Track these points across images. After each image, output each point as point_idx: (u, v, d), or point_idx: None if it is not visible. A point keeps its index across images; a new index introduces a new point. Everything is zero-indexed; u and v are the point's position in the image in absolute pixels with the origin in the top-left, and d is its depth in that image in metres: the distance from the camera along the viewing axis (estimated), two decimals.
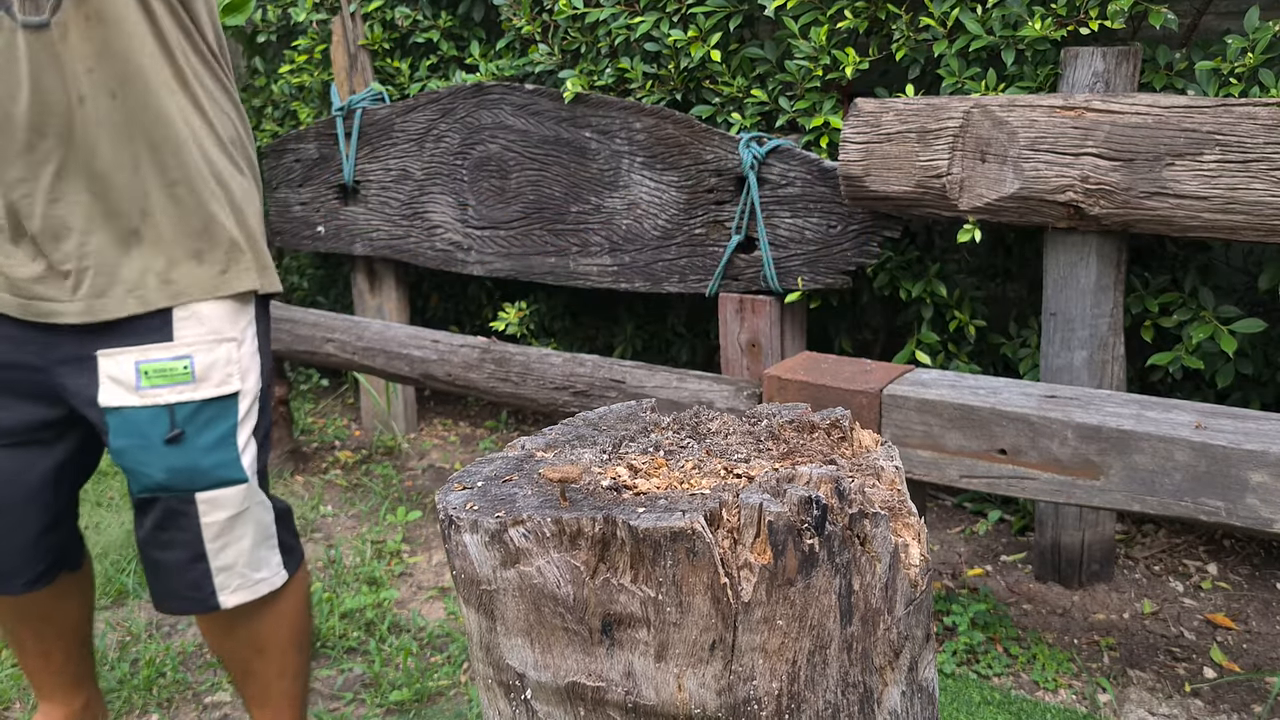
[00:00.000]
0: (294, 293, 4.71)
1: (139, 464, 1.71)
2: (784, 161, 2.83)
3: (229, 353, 1.74)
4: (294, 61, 4.06)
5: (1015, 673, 2.43)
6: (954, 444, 2.22)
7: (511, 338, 3.79)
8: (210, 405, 1.72)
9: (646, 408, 1.07)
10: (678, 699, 0.81)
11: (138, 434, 1.70)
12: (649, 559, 0.79)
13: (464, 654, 2.57)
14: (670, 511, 0.80)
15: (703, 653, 0.79)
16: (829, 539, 0.79)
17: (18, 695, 2.47)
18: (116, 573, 2.95)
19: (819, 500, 0.79)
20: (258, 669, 1.89)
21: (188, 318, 1.71)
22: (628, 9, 3.09)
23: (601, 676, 0.83)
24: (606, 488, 0.88)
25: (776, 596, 0.78)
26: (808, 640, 0.80)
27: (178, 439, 1.69)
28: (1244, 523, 1.98)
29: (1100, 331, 2.50)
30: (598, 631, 0.82)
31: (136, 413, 1.69)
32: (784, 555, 0.78)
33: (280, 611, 1.87)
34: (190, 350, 1.70)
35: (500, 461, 0.98)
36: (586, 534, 0.81)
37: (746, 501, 0.79)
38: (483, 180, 3.46)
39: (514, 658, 0.88)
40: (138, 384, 1.69)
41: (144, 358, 1.69)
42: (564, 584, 0.82)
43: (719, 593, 0.77)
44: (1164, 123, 2.27)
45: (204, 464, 1.71)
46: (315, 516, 3.39)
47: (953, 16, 2.60)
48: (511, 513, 0.85)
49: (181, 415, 1.70)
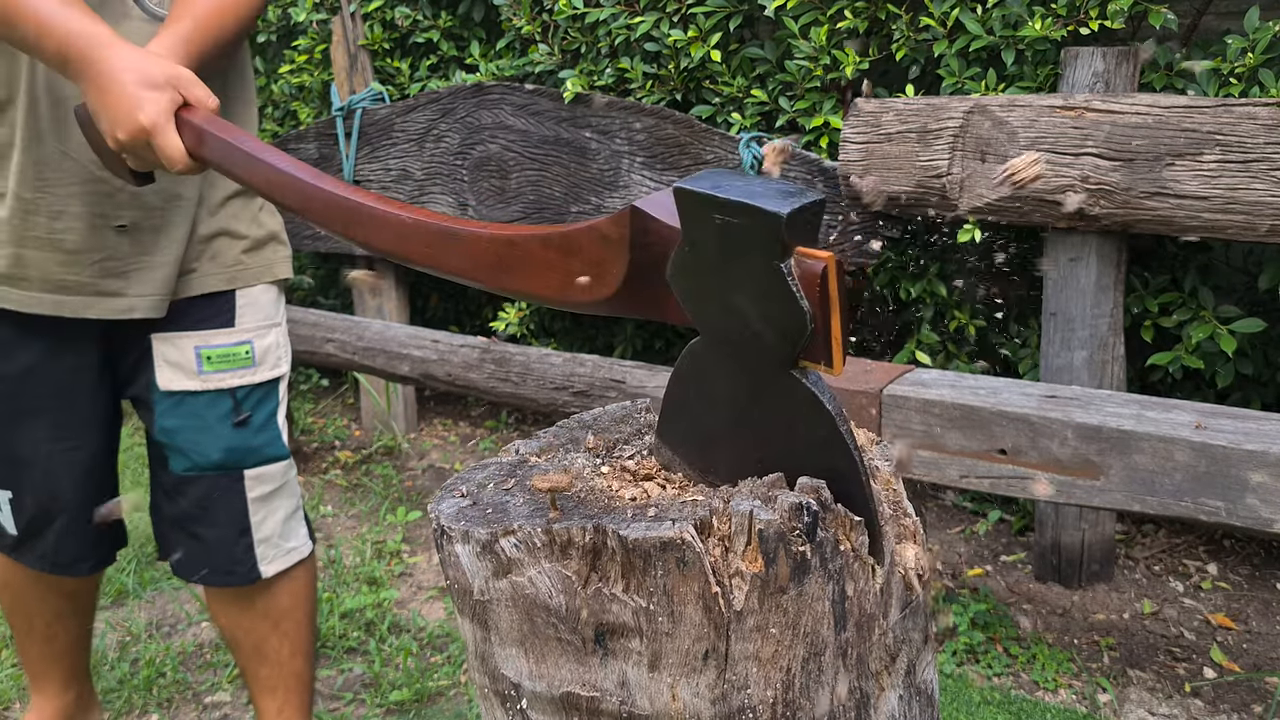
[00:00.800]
0: (294, 293, 4.71)
1: (193, 444, 1.77)
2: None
3: (277, 337, 1.84)
4: (294, 61, 4.07)
5: (1015, 673, 2.43)
6: (954, 444, 2.22)
7: (511, 338, 3.79)
8: (263, 387, 1.81)
9: (641, 408, 1.07)
10: (672, 708, 0.81)
11: (194, 416, 1.76)
12: (639, 569, 0.79)
13: (464, 654, 2.58)
14: (660, 521, 0.80)
15: (696, 662, 0.79)
16: (820, 545, 0.79)
17: (17, 695, 2.47)
18: (116, 572, 2.95)
19: (809, 506, 0.79)
20: (272, 647, 1.92)
21: (247, 304, 1.79)
22: (628, 9, 3.08)
23: (595, 686, 0.83)
24: (599, 494, 0.88)
25: (769, 605, 0.78)
26: (801, 648, 0.80)
27: (246, 422, 1.78)
28: (1244, 523, 1.98)
29: (1100, 331, 2.50)
30: (591, 641, 0.82)
31: (196, 397, 1.76)
32: (775, 563, 0.78)
33: (298, 585, 1.92)
34: (251, 335, 1.79)
35: (494, 467, 0.97)
36: (577, 544, 0.81)
37: (737, 509, 0.79)
38: (483, 180, 3.46)
39: (509, 668, 0.88)
40: (199, 368, 1.75)
41: (205, 343, 1.75)
42: (556, 594, 0.82)
43: (710, 602, 0.77)
44: (1164, 123, 2.26)
45: (255, 443, 1.80)
46: (315, 516, 3.39)
47: (953, 16, 2.60)
48: (503, 523, 0.85)
49: (242, 398, 1.78)
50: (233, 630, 1.92)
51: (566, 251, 0.92)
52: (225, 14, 1.55)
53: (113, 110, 1.35)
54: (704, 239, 0.81)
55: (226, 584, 1.86)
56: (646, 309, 0.90)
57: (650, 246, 0.86)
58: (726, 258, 0.80)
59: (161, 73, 1.36)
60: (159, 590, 2.93)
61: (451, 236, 1.01)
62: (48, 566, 1.90)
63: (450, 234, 1.01)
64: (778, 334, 0.80)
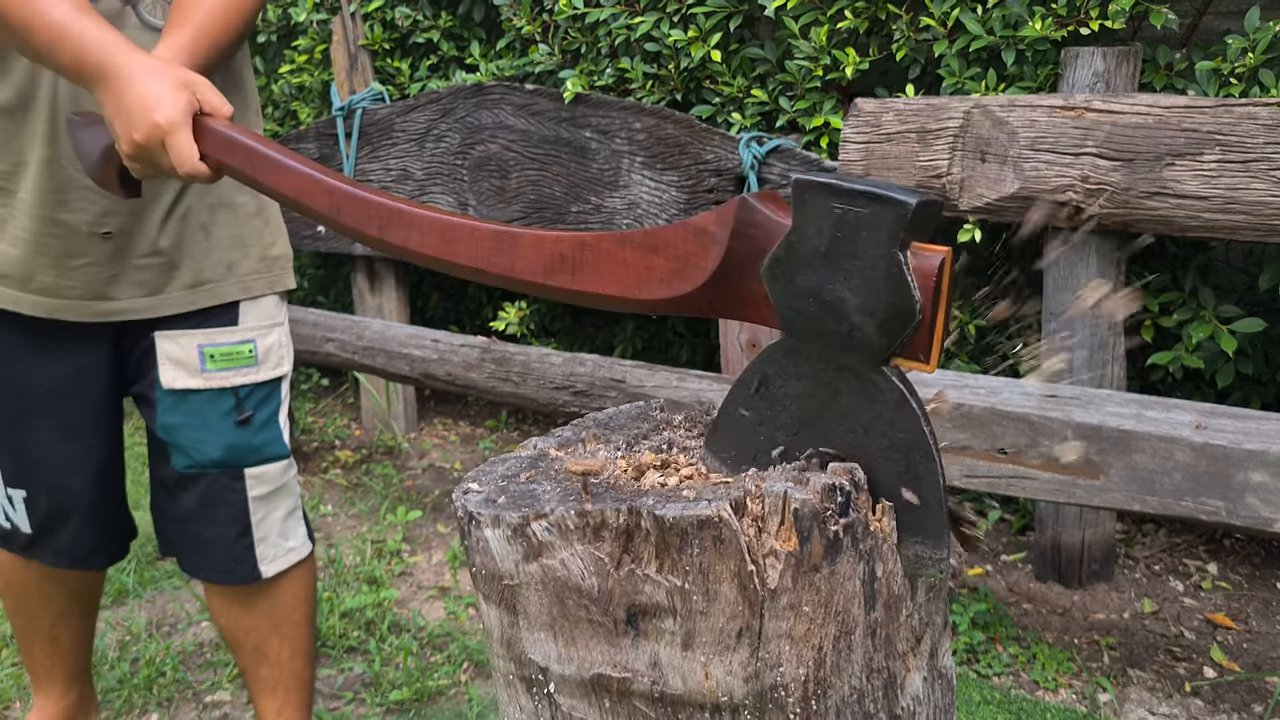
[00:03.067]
0: (294, 293, 4.70)
1: (194, 441, 1.77)
2: (784, 161, 2.83)
3: (280, 336, 1.85)
4: (294, 61, 4.07)
5: (1015, 672, 2.44)
6: (954, 444, 2.23)
7: (511, 337, 3.79)
8: (264, 386, 1.82)
9: (656, 407, 1.08)
10: (705, 687, 0.81)
11: (196, 414, 1.77)
12: (675, 548, 0.79)
13: (464, 654, 2.58)
14: (695, 501, 0.80)
15: (730, 640, 0.80)
16: (852, 526, 0.80)
17: (18, 695, 2.46)
18: (116, 572, 2.94)
19: (843, 487, 0.79)
20: (272, 647, 1.92)
21: (250, 304, 1.80)
22: (628, 9, 3.09)
23: (627, 667, 0.83)
24: (629, 480, 0.89)
25: (802, 583, 0.79)
26: (833, 626, 0.80)
27: (248, 420, 1.78)
28: (1244, 522, 1.99)
29: (1100, 331, 2.51)
30: (622, 623, 0.83)
31: (198, 394, 1.77)
32: (809, 542, 0.79)
33: (298, 585, 1.93)
34: (254, 335, 1.80)
35: (514, 461, 0.98)
36: (610, 526, 0.82)
37: (770, 490, 0.79)
38: (483, 180, 3.47)
39: (536, 652, 0.88)
40: (202, 366, 1.76)
41: (208, 341, 1.76)
42: (588, 576, 0.83)
43: (746, 580, 0.78)
44: (1164, 123, 2.28)
45: (256, 442, 1.80)
46: (315, 516, 3.39)
47: (953, 16, 2.61)
48: (534, 507, 0.86)
49: (244, 396, 1.79)
50: (233, 630, 1.93)
51: (648, 249, 0.92)
52: (226, 19, 1.55)
53: (130, 113, 1.34)
54: (817, 228, 0.82)
55: (226, 583, 1.86)
56: (724, 307, 0.90)
57: (753, 239, 0.87)
58: (838, 247, 0.81)
59: (179, 76, 1.37)
60: (159, 590, 2.92)
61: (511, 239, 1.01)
62: (65, 562, 1.91)
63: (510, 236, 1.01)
64: (878, 326, 0.80)
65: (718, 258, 0.88)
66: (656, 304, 0.93)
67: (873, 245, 0.79)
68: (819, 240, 0.82)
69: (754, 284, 0.87)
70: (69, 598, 2.00)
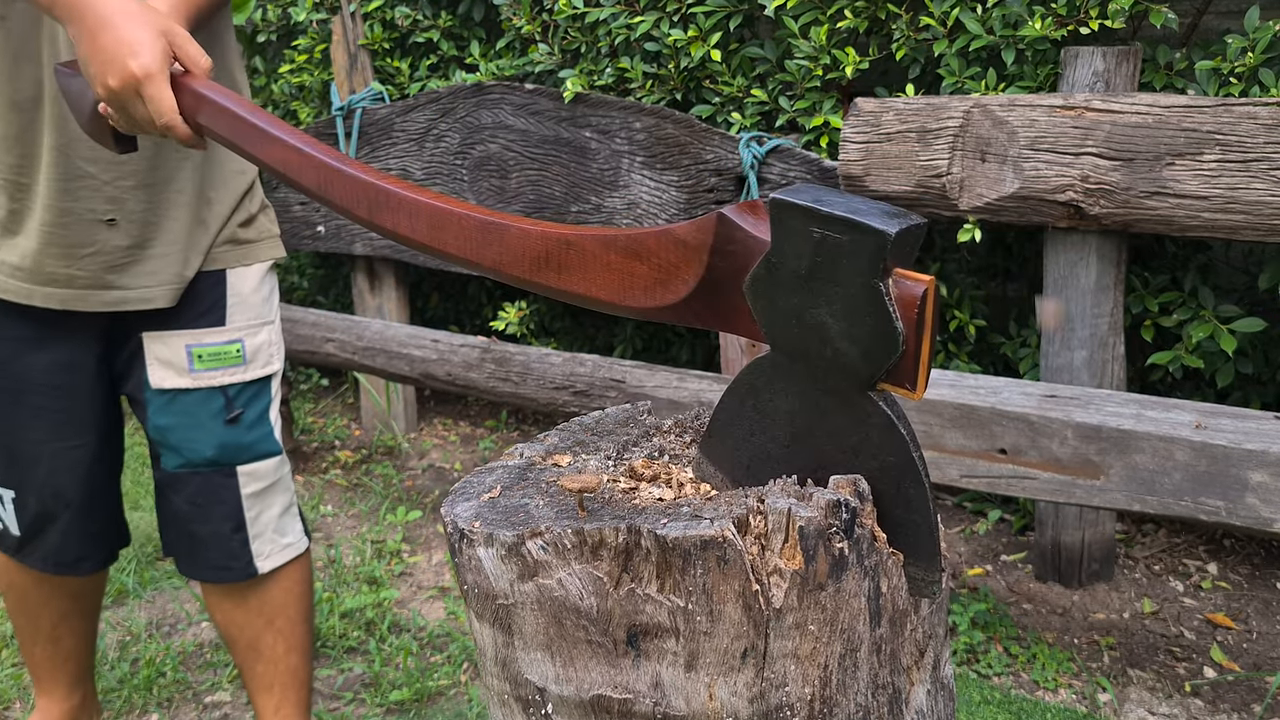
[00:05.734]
0: (294, 293, 4.70)
1: (186, 441, 1.78)
2: (784, 161, 2.83)
3: (269, 334, 1.84)
4: (294, 61, 4.06)
5: (1015, 672, 2.44)
6: (954, 444, 2.23)
7: (511, 337, 3.79)
8: (254, 385, 1.82)
9: (644, 411, 1.06)
10: (709, 708, 0.81)
11: (186, 413, 1.77)
12: (677, 568, 0.79)
13: (464, 654, 2.58)
14: (697, 519, 0.80)
15: (734, 661, 0.79)
16: (858, 542, 0.80)
17: (18, 695, 2.46)
18: (116, 572, 2.94)
19: (848, 504, 0.79)
20: (267, 643, 1.92)
21: (238, 303, 1.79)
22: (628, 9, 3.09)
23: (628, 688, 0.82)
24: (624, 494, 0.88)
25: (808, 602, 0.78)
26: (839, 644, 0.80)
27: (237, 419, 1.79)
28: (1244, 522, 1.99)
29: (1100, 331, 2.51)
30: (623, 643, 0.82)
31: (187, 394, 1.77)
32: (815, 560, 0.78)
33: (292, 581, 1.93)
34: (241, 334, 1.80)
35: (501, 471, 0.96)
36: (609, 544, 0.81)
37: (774, 507, 0.79)
38: (483, 180, 3.46)
39: (533, 672, 0.87)
40: (190, 367, 1.76)
41: (196, 341, 1.76)
42: (587, 596, 0.82)
43: (750, 600, 0.78)
44: (1164, 123, 2.27)
45: (246, 439, 1.81)
46: (315, 516, 3.39)
47: (953, 16, 2.61)
48: (528, 524, 0.84)
49: (233, 395, 1.79)
50: (228, 626, 1.93)
51: (632, 255, 0.90)
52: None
53: (104, 55, 1.29)
54: (796, 251, 0.80)
55: (224, 580, 1.87)
56: (712, 319, 0.88)
57: (732, 255, 0.84)
58: (818, 272, 0.79)
59: (158, 23, 1.32)
60: (159, 590, 2.92)
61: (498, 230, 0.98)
62: (51, 567, 1.90)
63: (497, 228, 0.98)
64: (862, 354, 0.79)
65: (699, 273, 0.86)
66: (644, 311, 0.91)
67: (854, 274, 0.78)
68: (798, 264, 0.80)
69: (739, 299, 0.85)
70: (69, 599, 2.00)
